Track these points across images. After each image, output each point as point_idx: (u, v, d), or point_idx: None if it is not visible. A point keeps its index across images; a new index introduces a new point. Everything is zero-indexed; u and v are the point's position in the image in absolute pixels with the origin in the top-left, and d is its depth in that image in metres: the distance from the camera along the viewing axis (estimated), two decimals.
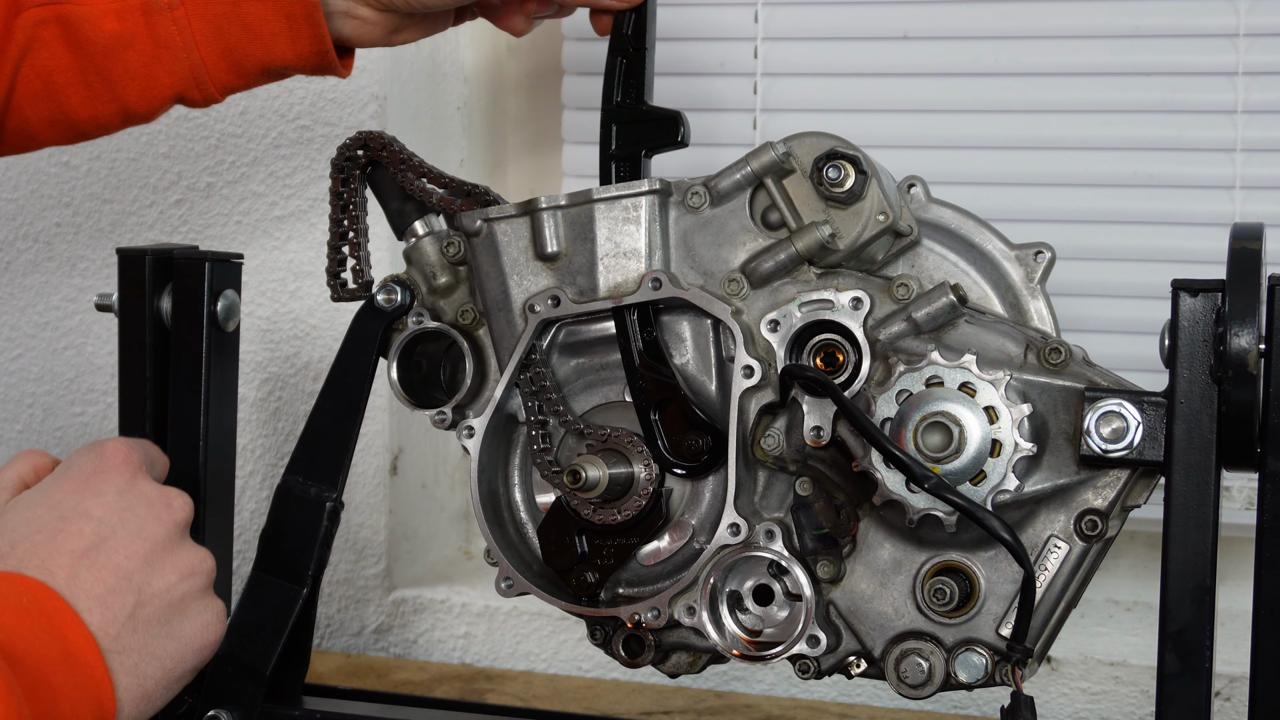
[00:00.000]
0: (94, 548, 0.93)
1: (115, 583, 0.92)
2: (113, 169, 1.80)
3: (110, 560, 0.93)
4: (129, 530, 0.95)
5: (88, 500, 0.95)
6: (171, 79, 1.23)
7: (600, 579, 1.17)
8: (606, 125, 1.19)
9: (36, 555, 0.91)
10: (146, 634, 0.93)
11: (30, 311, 1.83)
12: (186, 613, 0.96)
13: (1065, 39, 1.68)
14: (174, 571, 0.96)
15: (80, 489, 0.96)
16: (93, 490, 0.96)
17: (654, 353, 1.15)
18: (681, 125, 1.19)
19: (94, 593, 0.91)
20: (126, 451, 0.99)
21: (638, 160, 1.19)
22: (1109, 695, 1.58)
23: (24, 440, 1.84)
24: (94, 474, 0.97)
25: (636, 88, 1.19)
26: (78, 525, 0.94)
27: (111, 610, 0.91)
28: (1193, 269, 1.11)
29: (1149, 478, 1.09)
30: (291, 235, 1.77)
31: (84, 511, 0.94)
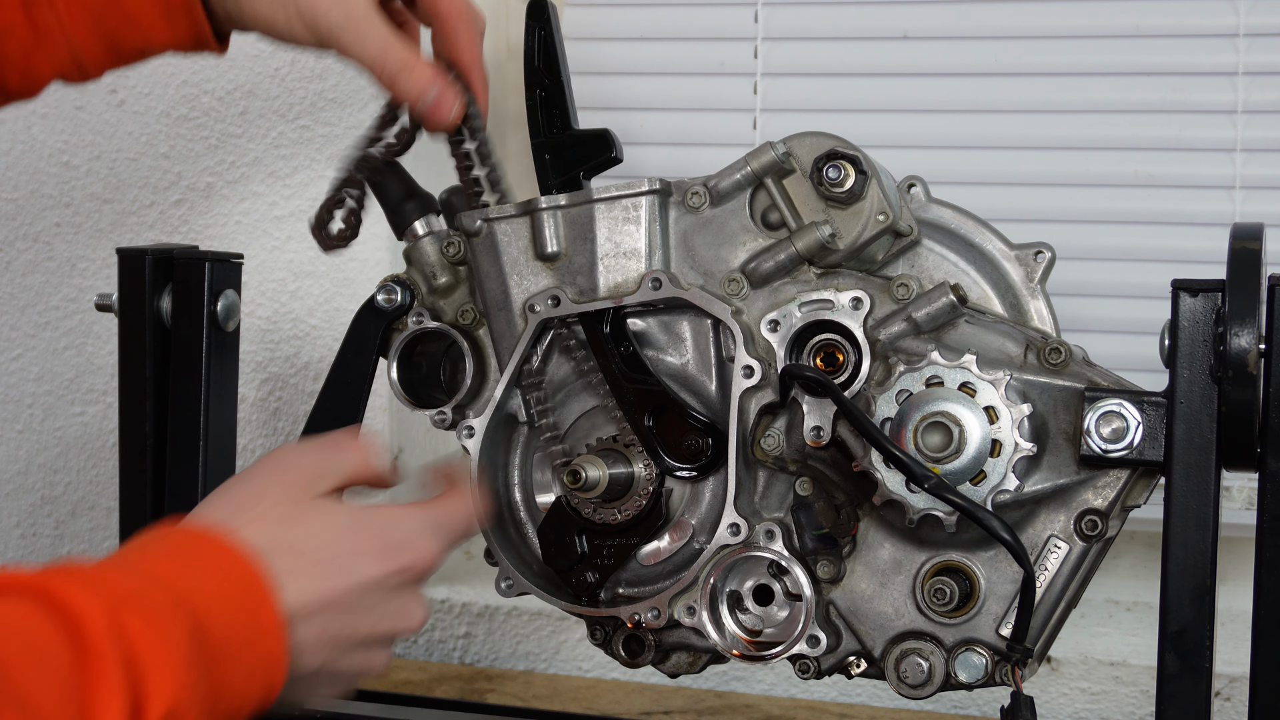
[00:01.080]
0: (336, 609, 0.94)
1: (325, 647, 0.94)
2: (113, 169, 1.80)
3: (337, 630, 0.94)
4: (368, 618, 0.96)
5: (369, 571, 0.96)
6: (50, 64, 1.24)
7: (600, 579, 1.17)
8: (539, 156, 1.20)
9: (299, 579, 0.92)
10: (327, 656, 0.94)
11: (30, 311, 1.83)
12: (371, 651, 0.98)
13: (1065, 39, 1.68)
14: (388, 619, 0.97)
15: (373, 557, 0.97)
16: (378, 566, 0.97)
17: (634, 365, 1.15)
18: (613, 141, 1.19)
19: (309, 642, 0.92)
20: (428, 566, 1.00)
21: (577, 183, 1.19)
22: (1109, 695, 1.58)
23: (24, 440, 1.84)
24: (392, 552, 0.98)
25: (561, 115, 1.20)
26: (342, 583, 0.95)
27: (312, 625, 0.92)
28: (1193, 269, 1.11)
29: (1149, 478, 1.09)
30: (291, 235, 1.77)
31: (356, 577, 0.95)
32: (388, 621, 0.97)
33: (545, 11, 1.21)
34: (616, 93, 1.81)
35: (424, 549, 0.99)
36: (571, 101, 1.21)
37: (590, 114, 1.22)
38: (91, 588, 0.81)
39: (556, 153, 1.20)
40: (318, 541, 0.94)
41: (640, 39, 1.80)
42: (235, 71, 1.77)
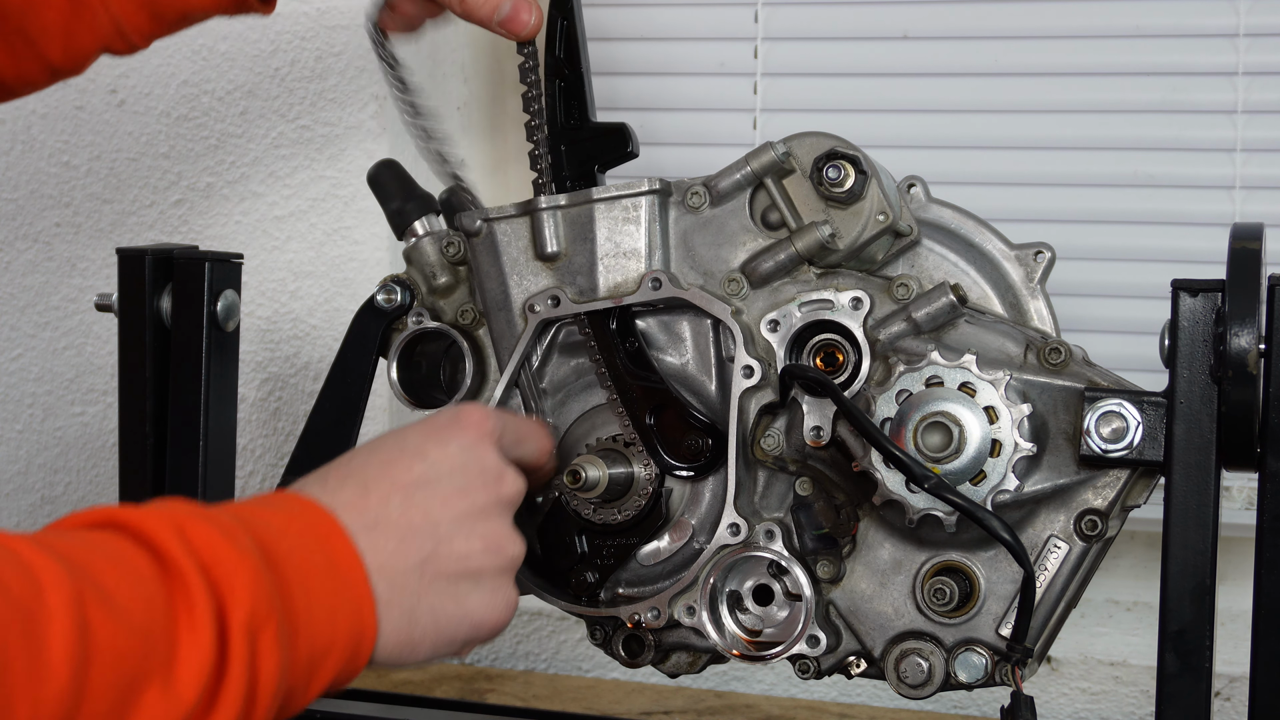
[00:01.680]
0: (415, 485, 0.93)
1: (420, 524, 0.92)
2: (113, 169, 1.80)
3: (424, 503, 0.93)
4: (454, 484, 0.95)
5: (430, 444, 0.96)
6: (93, 35, 1.24)
7: (600, 579, 1.17)
8: (555, 148, 1.20)
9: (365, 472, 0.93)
10: (430, 585, 0.92)
11: (30, 311, 1.83)
12: (479, 584, 0.95)
13: (1065, 39, 1.68)
14: (480, 540, 0.95)
15: (428, 435, 0.97)
16: (438, 438, 0.96)
17: (639, 361, 1.15)
18: (630, 136, 1.19)
19: (398, 523, 0.91)
20: (482, 417, 0.99)
21: (591, 177, 1.19)
22: (1109, 695, 1.58)
23: (24, 440, 1.84)
24: (445, 426, 0.98)
25: (579, 107, 1.20)
26: (410, 461, 0.94)
27: (406, 548, 0.91)
28: (1193, 269, 1.11)
29: (1149, 478, 1.09)
30: (291, 235, 1.77)
31: (422, 452, 0.95)
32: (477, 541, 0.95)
33: (570, 3, 1.20)
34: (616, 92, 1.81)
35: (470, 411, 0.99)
36: (590, 94, 1.20)
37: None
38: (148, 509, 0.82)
39: (573, 145, 1.19)
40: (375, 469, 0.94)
41: (640, 39, 1.80)
42: (235, 71, 1.77)
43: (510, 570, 0.98)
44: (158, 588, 0.78)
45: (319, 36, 1.75)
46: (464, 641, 0.96)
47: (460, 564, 0.94)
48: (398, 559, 0.90)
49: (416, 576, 0.91)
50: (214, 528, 0.82)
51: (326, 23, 1.74)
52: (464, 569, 0.94)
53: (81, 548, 0.78)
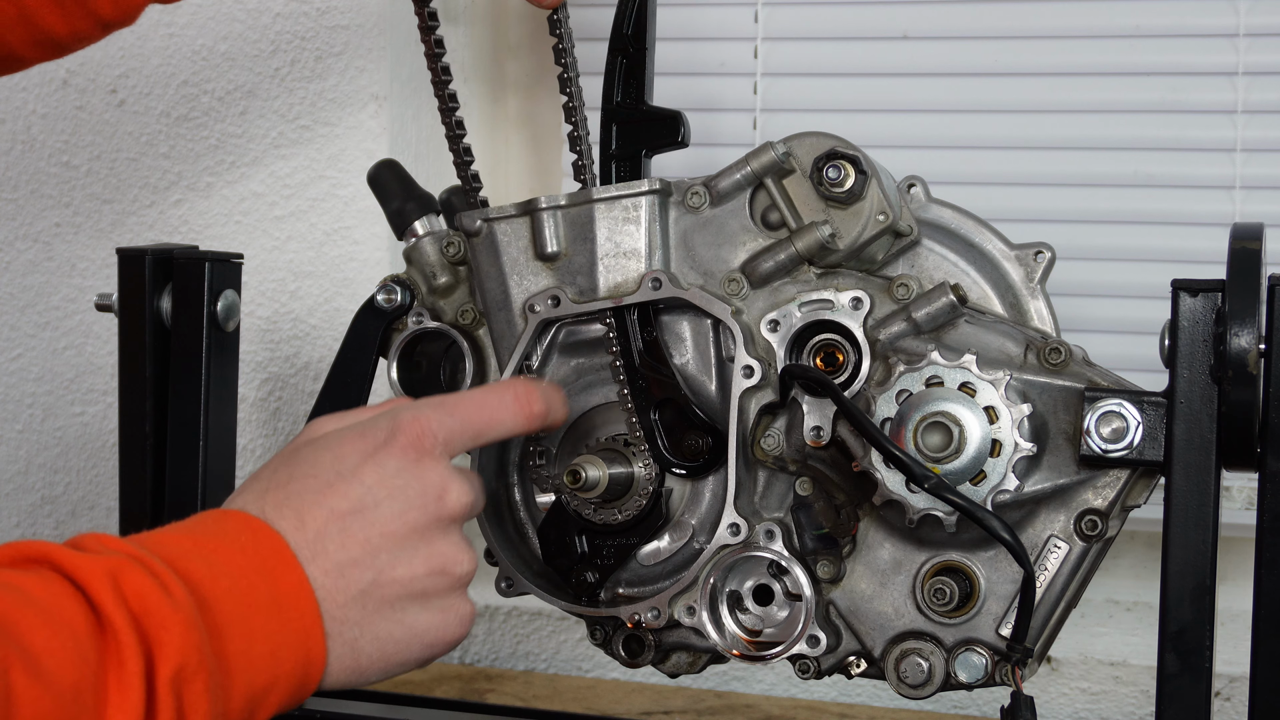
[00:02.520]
0: (353, 513, 0.91)
1: (359, 555, 0.90)
2: (113, 169, 1.80)
3: (362, 532, 0.91)
4: (392, 508, 0.92)
5: (367, 466, 0.93)
6: None
7: (600, 579, 1.17)
8: (606, 125, 1.19)
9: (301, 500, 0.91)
10: (374, 614, 0.91)
11: (30, 311, 1.83)
12: (426, 606, 0.94)
13: (1065, 39, 1.68)
14: (424, 563, 0.93)
15: (365, 452, 0.94)
16: (375, 460, 0.93)
17: (654, 353, 1.15)
18: (682, 125, 1.18)
19: (335, 557, 0.90)
20: (421, 430, 0.95)
21: (638, 160, 1.18)
22: (1109, 695, 1.58)
23: (24, 440, 1.84)
24: (384, 443, 0.94)
25: (637, 87, 1.19)
26: (347, 486, 0.92)
27: (346, 579, 0.90)
28: (1193, 269, 1.11)
29: (1149, 478, 1.09)
30: (291, 235, 1.77)
31: (359, 476, 0.93)
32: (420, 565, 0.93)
33: None
34: None
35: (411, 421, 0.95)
36: (651, 77, 1.19)
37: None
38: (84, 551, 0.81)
39: (625, 126, 1.19)
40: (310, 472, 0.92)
41: None
42: (235, 71, 1.77)
43: (461, 586, 0.96)
44: (90, 645, 0.77)
45: (319, 36, 1.75)
46: (418, 661, 0.95)
47: (404, 589, 0.92)
48: (338, 592, 0.89)
49: (359, 607, 0.90)
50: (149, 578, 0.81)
51: (326, 23, 1.74)
52: (408, 593, 0.93)
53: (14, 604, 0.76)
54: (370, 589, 0.91)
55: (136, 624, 0.79)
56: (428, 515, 0.94)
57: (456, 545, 0.95)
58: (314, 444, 0.95)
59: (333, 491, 0.92)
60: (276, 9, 1.75)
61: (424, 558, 0.93)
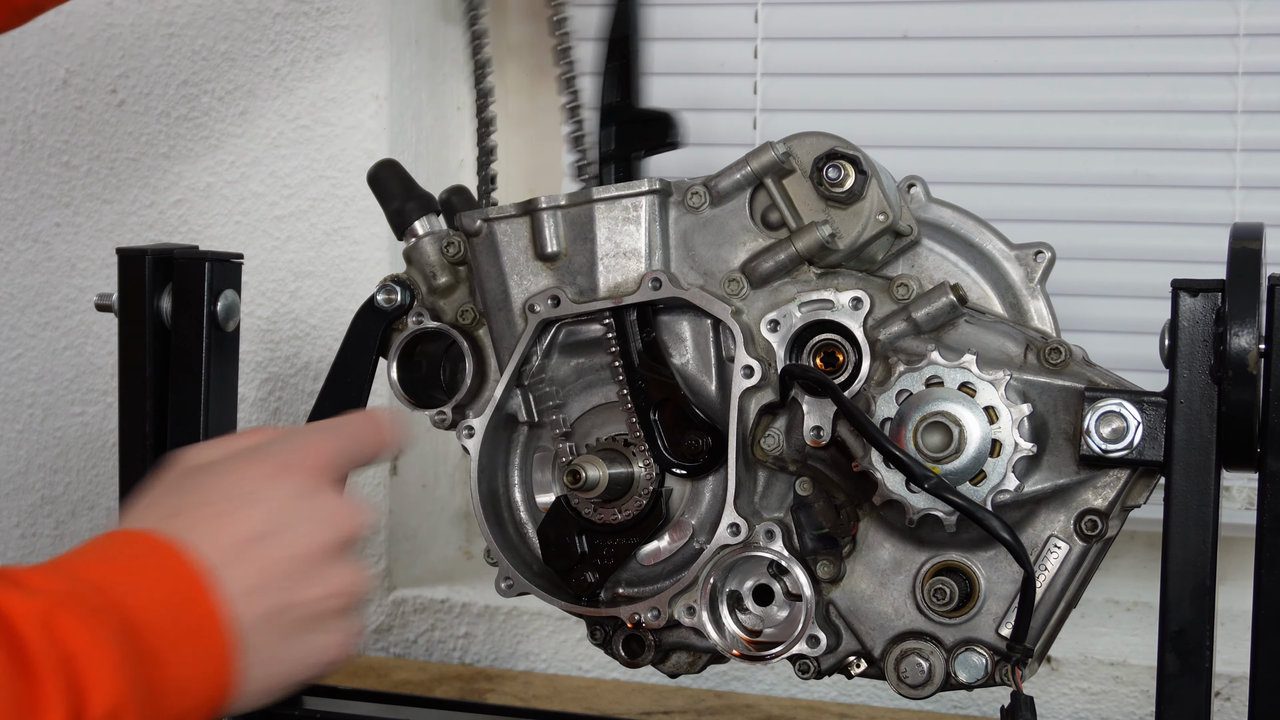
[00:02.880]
0: (259, 538, 0.91)
1: (265, 580, 0.91)
2: (113, 169, 1.80)
3: (268, 557, 0.91)
4: (293, 533, 0.93)
5: (269, 490, 0.93)
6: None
7: (600, 579, 1.17)
8: (601, 127, 1.19)
9: (204, 527, 0.90)
10: (278, 637, 0.92)
11: (30, 311, 1.83)
12: (325, 628, 0.95)
13: (1065, 39, 1.68)
14: (323, 586, 0.94)
15: (267, 477, 0.94)
16: (277, 483, 0.94)
17: (653, 353, 1.15)
18: (676, 126, 1.19)
19: (244, 582, 0.90)
20: (325, 455, 0.97)
21: (630, 161, 1.19)
22: (1109, 695, 1.58)
23: (24, 440, 1.84)
24: (284, 467, 0.95)
25: (630, 89, 1.20)
26: (251, 511, 0.92)
27: (254, 604, 0.90)
28: (1193, 269, 1.11)
29: (1149, 478, 1.09)
30: (291, 235, 1.77)
31: (263, 500, 0.93)
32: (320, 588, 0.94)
33: None
34: None
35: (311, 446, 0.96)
36: (644, 79, 1.20)
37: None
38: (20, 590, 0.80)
39: (619, 127, 1.19)
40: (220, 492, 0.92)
41: None
42: (235, 71, 1.77)
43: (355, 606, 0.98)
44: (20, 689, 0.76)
45: (319, 36, 1.75)
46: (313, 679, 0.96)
47: (305, 612, 0.93)
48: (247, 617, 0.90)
49: (267, 631, 0.91)
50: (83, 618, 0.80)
51: (326, 23, 1.74)
52: (309, 615, 0.93)
53: None
54: (278, 613, 0.92)
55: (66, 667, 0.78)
56: (330, 538, 0.95)
57: (354, 567, 0.97)
58: (201, 471, 0.96)
59: (235, 517, 0.92)
60: (276, 9, 1.75)
61: (326, 580, 0.95)
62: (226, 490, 0.93)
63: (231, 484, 0.94)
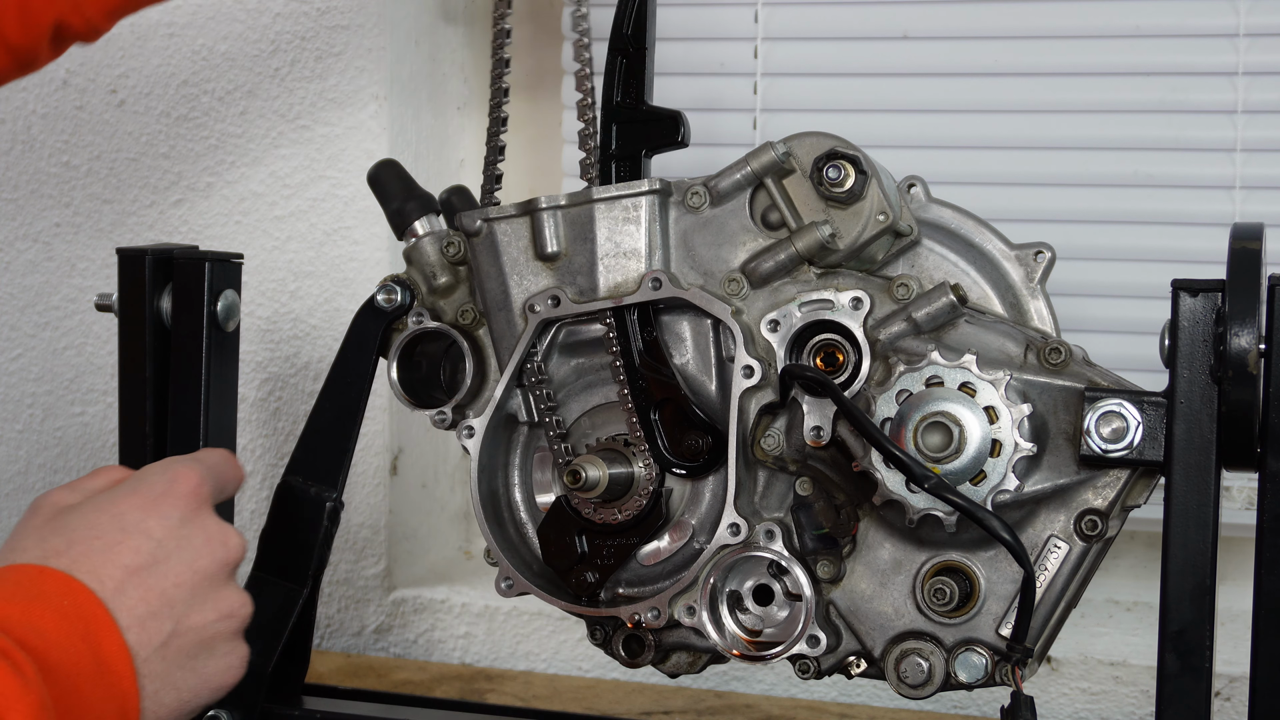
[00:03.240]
0: (146, 568, 0.93)
1: (158, 607, 0.92)
2: (113, 169, 1.80)
3: (159, 584, 0.93)
4: (183, 559, 0.95)
5: (150, 520, 0.95)
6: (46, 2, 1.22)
7: (600, 579, 1.17)
8: (606, 125, 1.19)
9: (90, 561, 0.91)
10: (173, 664, 0.93)
11: (30, 311, 1.83)
12: (214, 651, 0.96)
13: (1065, 39, 1.68)
14: (214, 610, 0.96)
15: (146, 507, 0.96)
16: (157, 511, 0.95)
17: (654, 353, 1.15)
18: (681, 125, 1.18)
19: (136, 612, 0.91)
20: (198, 482, 0.99)
21: (638, 160, 1.18)
22: (1109, 695, 1.58)
23: (24, 440, 1.84)
24: (162, 496, 0.97)
25: (636, 87, 1.19)
26: (136, 541, 0.94)
27: (148, 632, 0.91)
28: (1193, 269, 1.11)
29: (1149, 478, 1.09)
30: (291, 235, 1.77)
31: (145, 530, 0.94)
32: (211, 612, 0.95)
33: None
34: None
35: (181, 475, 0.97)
36: (651, 77, 1.19)
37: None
38: None
39: (625, 126, 1.19)
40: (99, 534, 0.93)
41: None
42: (235, 71, 1.77)
43: (241, 628, 0.99)
44: None
45: (319, 36, 1.75)
46: (204, 706, 0.98)
47: (197, 636, 0.95)
48: (142, 647, 0.91)
49: (160, 660, 0.92)
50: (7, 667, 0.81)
51: (326, 23, 1.74)
52: (200, 640, 0.95)
53: None
54: (169, 640, 0.93)
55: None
56: (215, 562, 0.97)
57: (238, 590, 0.99)
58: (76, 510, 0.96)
59: (122, 548, 0.93)
60: (276, 9, 1.75)
61: (213, 604, 0.96)
62: (109, 524, 0.95)
63: (112, 517, 0.95)
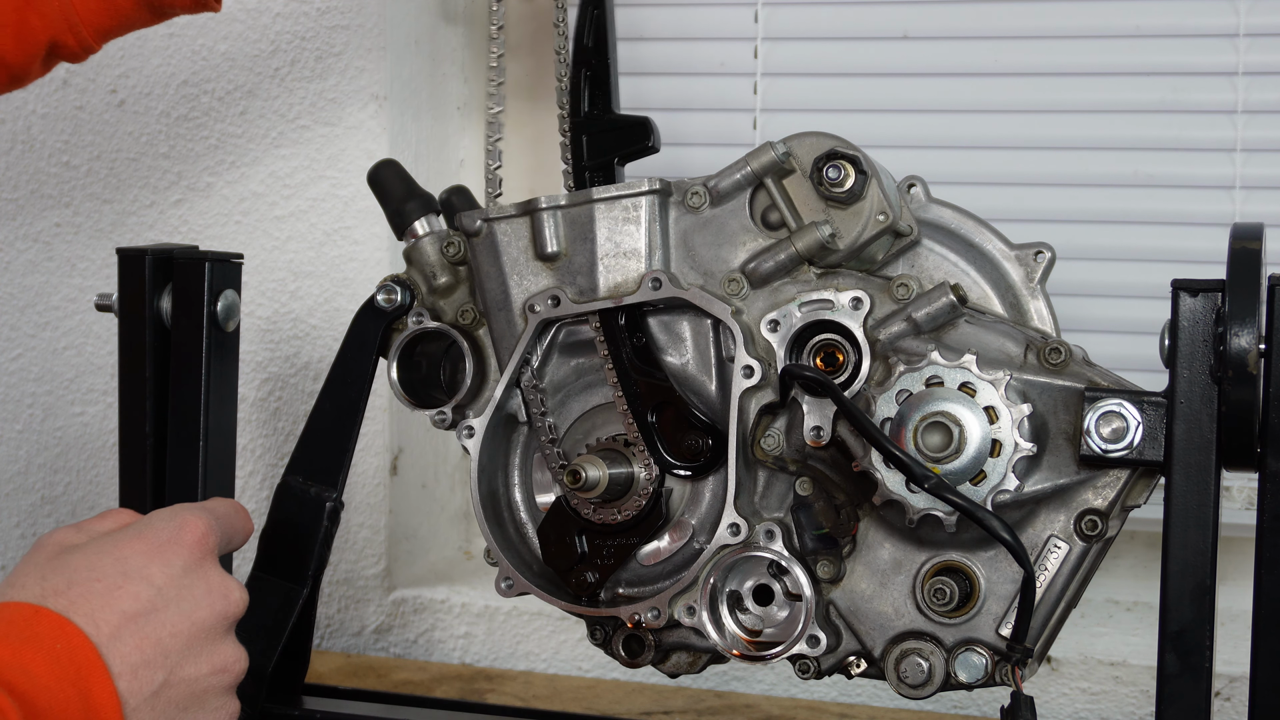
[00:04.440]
0: (144, 615, 0.93)
1: (152, 656, 0.92)
2: (113, 169, 1.80)
3: (155, 632, 0.93)
4: (181, 609, 0.94)
5: (153, 566, 0.95)
6: (43, 22, 1.22)
7: (600, 579, 1.17)
8: (577, 136, 1.20)
9: (89, 603, 0.91)
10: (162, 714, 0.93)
11: (30, 311, 1.83)
12: (204, 705, 0.96)
13: (1065, 39, 1.68)
14: (208, 663, 0.96)
15: (149, 553, 0.95)
16: (161, 558, 0.95)
17: (645, 357, 1.15)
18: (651, 130, 1.19)
19: (129, 659, 0.91)
20: (205, 531, 0.98)
21: (611, 168, 1.19)
22: (1109, 695, 1.58)
23: (24, 440, 1.84)
24: (167, 543, 0.96)
25: (603, 97, 1.20)
26: (136, 587, 0.93)
27: (140, 681, 0.91)
28: (1193, 269, 1.11)
29: (1149, 478, 1.09)
30: (291, 235, 1.77)
31: (147, 576, 0.94)
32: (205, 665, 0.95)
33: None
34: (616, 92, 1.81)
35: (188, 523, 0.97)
36: (616, 86, 1.20)
37: None
38: None
39: (595, 136, 1.19)
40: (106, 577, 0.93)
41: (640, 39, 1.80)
42: (235, 71, 1.77)
43: (234, 684, 0.99)
44: None
45: (319, 36, 1.75)
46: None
47: (190, 689, 0.94)
48: (133, 695, 0.90)
49: (149, 710, 0.92)
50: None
51: (326, 23, 1.74)
52: (193, 693, 0.94)
53: None
54: (161, 689, 0.93)
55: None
56: (214, 615, 0.97)
57: (235, 644, 0.99)
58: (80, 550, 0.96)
59: (122, 593, 0.93)
60: (276, 9, 1.75)
61: (209, 657, 0.96)
62: (110, 567, 0.94)
63: (115, 561, 0.94)
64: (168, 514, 0.99)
